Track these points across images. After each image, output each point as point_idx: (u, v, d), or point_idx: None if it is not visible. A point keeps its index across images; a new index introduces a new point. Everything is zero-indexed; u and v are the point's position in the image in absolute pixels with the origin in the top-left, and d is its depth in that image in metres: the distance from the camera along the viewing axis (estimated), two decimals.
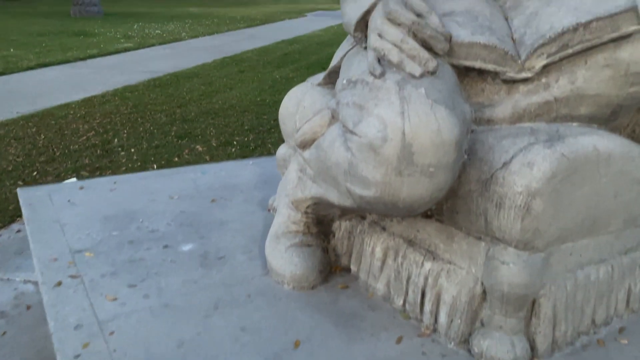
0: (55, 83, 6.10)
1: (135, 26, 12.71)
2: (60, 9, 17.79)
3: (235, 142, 3.95)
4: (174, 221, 1.88)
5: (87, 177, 3.22)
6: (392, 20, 1.17)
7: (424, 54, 1.12)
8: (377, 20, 1.20)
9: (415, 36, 1.16)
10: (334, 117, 1.37)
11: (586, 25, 1.15)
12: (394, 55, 1.14)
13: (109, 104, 5.07)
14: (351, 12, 1.35)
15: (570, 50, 1.18)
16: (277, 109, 4.98)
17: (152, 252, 1.66)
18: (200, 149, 3.80)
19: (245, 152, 3.74)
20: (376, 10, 1.22)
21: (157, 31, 11.76)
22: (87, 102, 5.17)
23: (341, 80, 1.32)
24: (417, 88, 1.08)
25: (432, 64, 1.12)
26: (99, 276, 1.53)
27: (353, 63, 1.40)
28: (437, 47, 1.16)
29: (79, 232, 1.79)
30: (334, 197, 1.32)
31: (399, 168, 1.05)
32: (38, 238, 1.74)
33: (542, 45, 1.18)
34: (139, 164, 3.48)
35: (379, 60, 1.16)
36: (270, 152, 3.65)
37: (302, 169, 1.54)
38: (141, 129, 4.26)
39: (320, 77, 1.80)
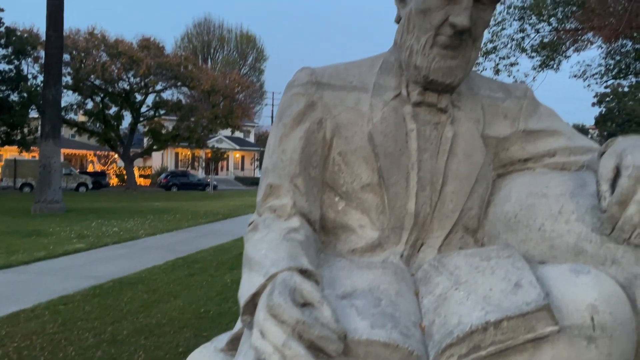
0: None
1: (93, 224, 12.68)
2: (23, 205, 17.90)
3: None
4: None
5: None
6: (275, 317, 0.99)
7: None
8: (259, 314, 1.02)
9: (301, 336, 0.97)
10: None
11: (496, 324, 0.99)
12: None
13: (36, 321, 4.64)
14: (243, 287, 1.18)
15: (483, 352, 1.00)
16: (219, 324, 4.64)
17: None
18: None
19: None
20: (261, 299, 1.06)
21: (114, 229, 11.70)
22: (13, 318, 4.74)
23: None
24: None
25: None
26: None
27: (243, 348, 1.20)
28: (329, 348, 0.97)
29: None
30: None
31: None
32: None
33: (451, 345, 1.01)
34: None
35: None
36: None
37: None
38: (61, 354, 3.80)
39: (225, 338, 1.59)
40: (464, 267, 1.19)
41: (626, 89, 41.46)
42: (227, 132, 40.71)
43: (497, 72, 18.01)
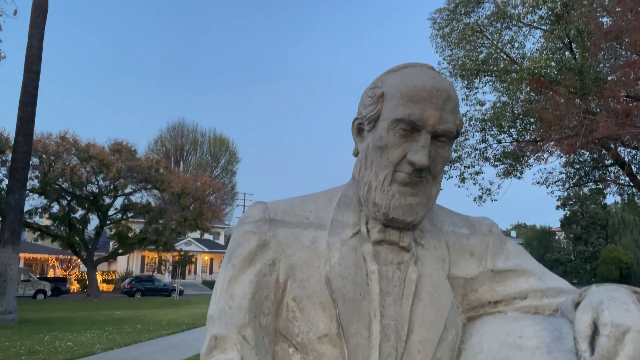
0: None
1: (46, 337, 11.84)
2: None
3: None
4: None
5: None
6: None
7: None
8: None
9: None
10: None
11: None
12: None
13: None
14: None
15: None
16: None
17: None
18: None
19: None
20: None
21: (68, 343, 10.92)
22: None
23: None
24: None
25: None
26: None
27: None
28: None
29: None
30: None
31: None
32: None
33: None
34: None
35: None
36: None
37: None
38: None
39: None
40: None
41: (587, 194, 43.13)
42: (196, 234, 40.00)
43: (462, 180, 18.57)
